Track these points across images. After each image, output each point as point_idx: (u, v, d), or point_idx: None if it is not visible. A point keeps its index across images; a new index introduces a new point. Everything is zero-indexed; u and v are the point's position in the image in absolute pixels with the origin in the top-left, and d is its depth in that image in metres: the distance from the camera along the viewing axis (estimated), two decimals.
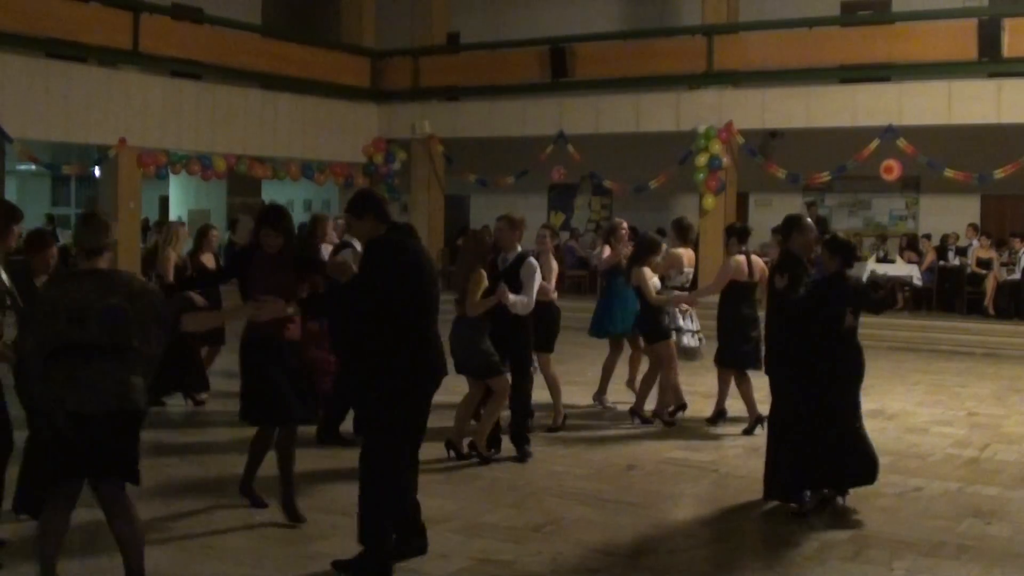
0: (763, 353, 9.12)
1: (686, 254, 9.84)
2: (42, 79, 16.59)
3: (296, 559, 5.66)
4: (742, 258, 9.23)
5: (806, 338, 6.70)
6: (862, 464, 6.78)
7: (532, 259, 7.99)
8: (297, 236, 9.23)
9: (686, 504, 6.99)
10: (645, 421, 9.50)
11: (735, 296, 9.22)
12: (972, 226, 18.92)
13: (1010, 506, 7.05)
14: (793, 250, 7.06)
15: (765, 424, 9.11)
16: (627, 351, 10.34)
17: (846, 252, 6.84)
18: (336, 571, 5.35)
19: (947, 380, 12.53)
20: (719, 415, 9.53)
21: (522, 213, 8.68)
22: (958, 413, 10.50)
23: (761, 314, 8.04)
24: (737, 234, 9.42)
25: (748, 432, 9.09)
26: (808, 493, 6.71)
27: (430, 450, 8.27)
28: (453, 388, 7.41)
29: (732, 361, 9.28)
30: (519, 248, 8.08)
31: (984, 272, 17.48)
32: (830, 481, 6.78)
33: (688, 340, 9.76)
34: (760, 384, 9.58)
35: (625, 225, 10.57)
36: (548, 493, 7.17)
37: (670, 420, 9.53)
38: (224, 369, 10.33)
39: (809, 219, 7.37)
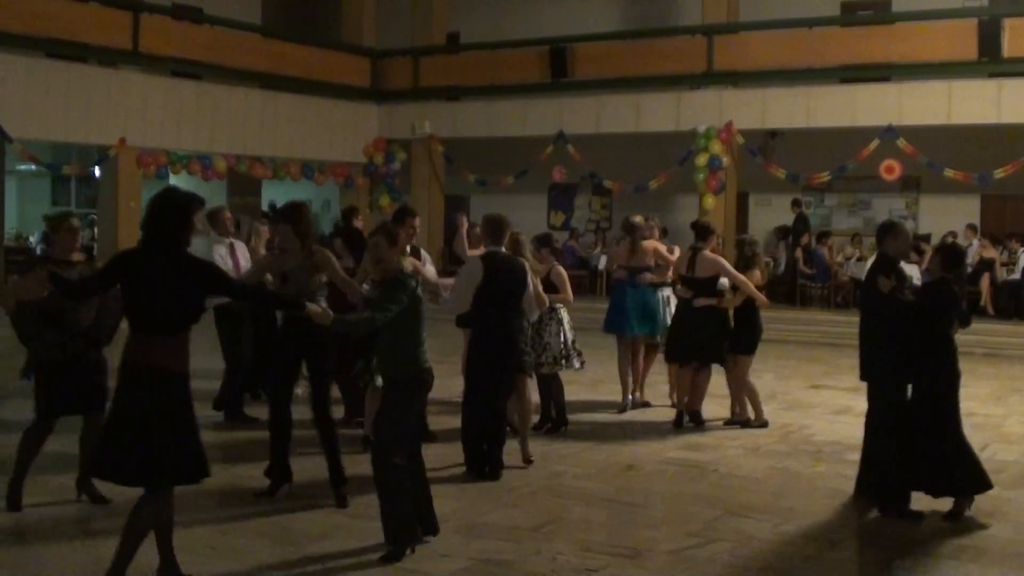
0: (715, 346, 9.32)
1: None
2: (42, 79, 16.60)
3: (296, 559, 5.66)
4: (687, 253, 9.55)
5: (911, 342, 6.75)
6: (970, 472, 6.76)
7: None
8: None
9: (686, 504, 6.99)
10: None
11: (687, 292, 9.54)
12: (971, 227, 18.93)
13: (1010, 506, 7.05)
14: (888, 253, 7.08)
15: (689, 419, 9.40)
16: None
17: (954, 259, 6.95)
18: None
19: None
20: (686, 416, 9.55)
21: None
22: None
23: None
24: (694, 229, 9.71)
25: (676, 425, 9.40)
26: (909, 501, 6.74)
27: (428, 455, 8.28)
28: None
29: (669, 355, 9.72)
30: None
31: (982, 266, 17.44)
32: (931, 486, 6.74)
33: None
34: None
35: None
36: (548, 493, 7.17)
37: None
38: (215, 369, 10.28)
39: (904, 224, 7.35)
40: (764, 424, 9.48)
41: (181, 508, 6.58)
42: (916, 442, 6.71)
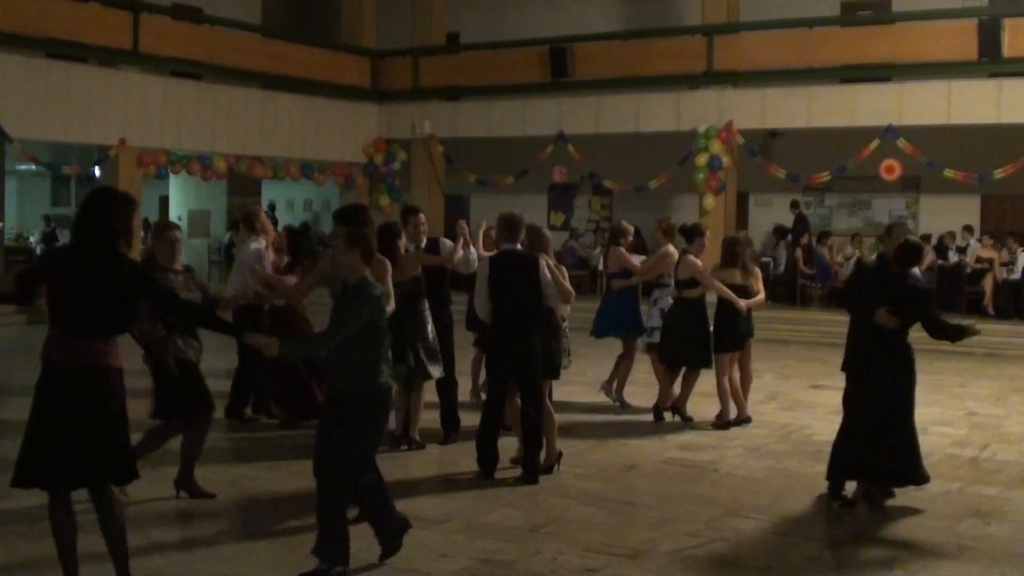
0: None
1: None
2: (42, 79, 16.59)
3: (296, 559, 5.66)
4: (680, 255, 9.77)
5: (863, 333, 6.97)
6: (907, 465, 6.91)
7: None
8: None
9: (686, 504, 6.99)
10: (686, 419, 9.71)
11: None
12: (967, 227, 18.93)
13: (1010, 506, 7.05)
14: (885, 253, 7.25)
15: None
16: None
17: (906, 256, 7.03)
18: None
19: (947, 380, 12.53)
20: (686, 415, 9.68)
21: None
22: (958, 413, 10.49)
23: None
24: (681, 233, 9.90)
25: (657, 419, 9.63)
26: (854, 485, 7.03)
27: (429, 455, 8.29)
28: None
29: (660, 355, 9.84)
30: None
31: (985, 267, 17.44)
32: (869, 474, 6.95)
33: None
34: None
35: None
36: (548, 493, 7.17)
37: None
38: (225, 368, 10.29)
39: (905, 225, 7.47)
40: (747, 420, 9.52)
41: (181, 507, 6.60)
42: (859, 430, 6.91)
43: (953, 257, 18.37)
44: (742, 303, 9.31)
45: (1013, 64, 16.77)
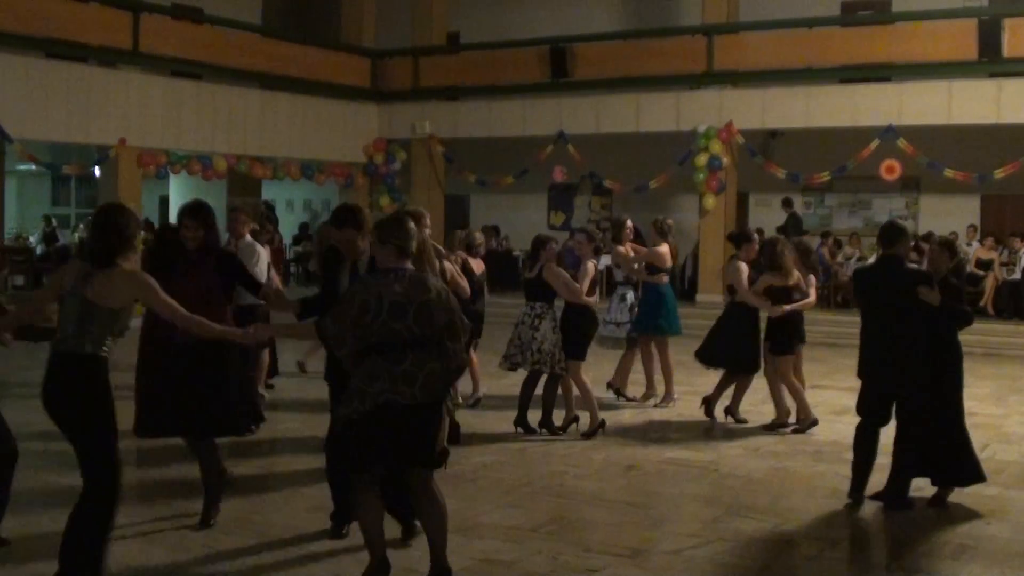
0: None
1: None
2: (42, 79, 16.58)
3: (296, 559, 5.67)
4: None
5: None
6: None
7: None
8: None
9: (686, 504, 6.99)
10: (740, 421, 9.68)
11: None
12: (972, 227, 18.91)
13: (1010, 506, 7.05)
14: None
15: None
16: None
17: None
18: None
19: None
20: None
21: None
22: None
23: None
24: (731, 239, 9.95)
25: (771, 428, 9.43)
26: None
27: None
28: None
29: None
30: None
31: (983, 273, 17.48)
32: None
33: (614, 330, 10.25)
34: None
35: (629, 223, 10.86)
36: (548, 493, 7.17)
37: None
38: None
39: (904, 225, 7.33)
40: (813, 423, 9.34)
41: (180, 507, 6.60)
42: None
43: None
44: (778, 308, 9.21)
45: (1013, 64, 16.77)
